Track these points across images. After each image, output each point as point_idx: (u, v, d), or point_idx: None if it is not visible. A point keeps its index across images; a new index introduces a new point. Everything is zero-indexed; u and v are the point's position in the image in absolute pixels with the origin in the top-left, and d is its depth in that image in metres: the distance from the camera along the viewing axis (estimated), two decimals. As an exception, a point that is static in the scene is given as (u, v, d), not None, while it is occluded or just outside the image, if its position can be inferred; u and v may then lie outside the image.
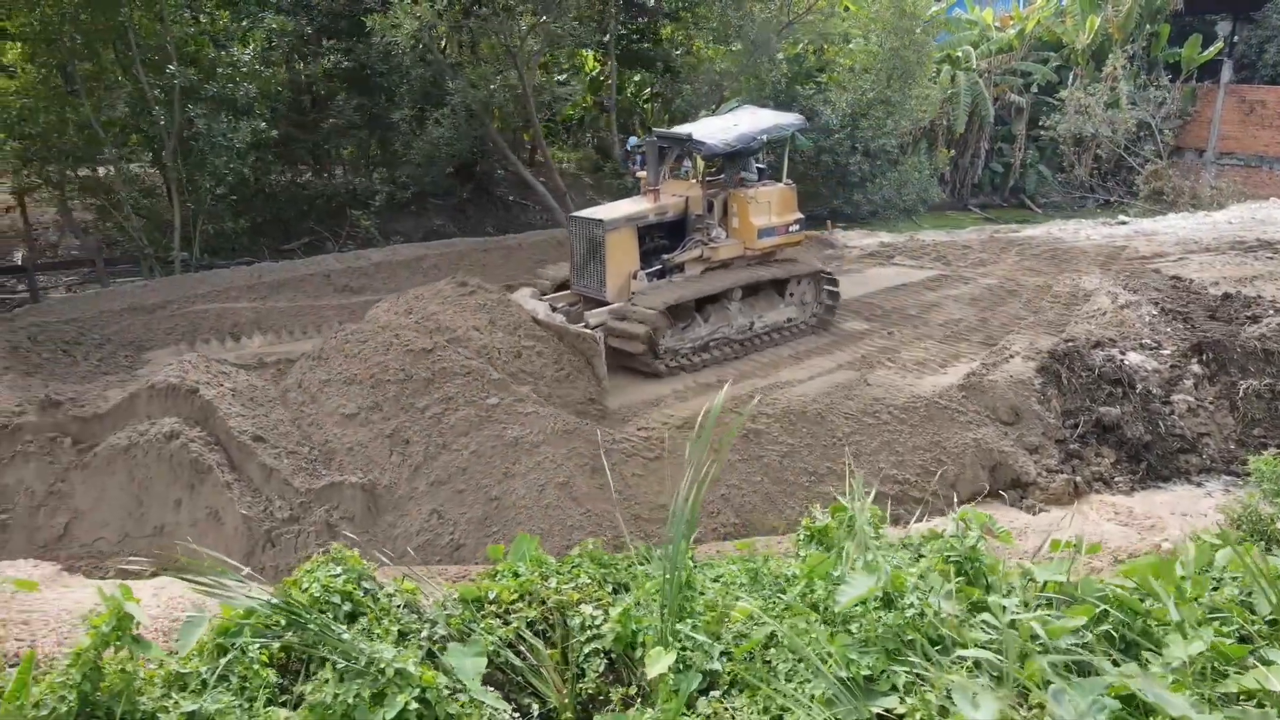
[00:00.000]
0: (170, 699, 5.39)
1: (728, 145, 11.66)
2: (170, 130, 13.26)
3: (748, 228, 12.15)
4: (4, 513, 8.28)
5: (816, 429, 9.73)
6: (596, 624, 6.16)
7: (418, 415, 8.69)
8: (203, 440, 8.17)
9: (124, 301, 12.76)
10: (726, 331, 11.90)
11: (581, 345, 10.22)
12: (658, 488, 8.90)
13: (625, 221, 11.37)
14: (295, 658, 5.81)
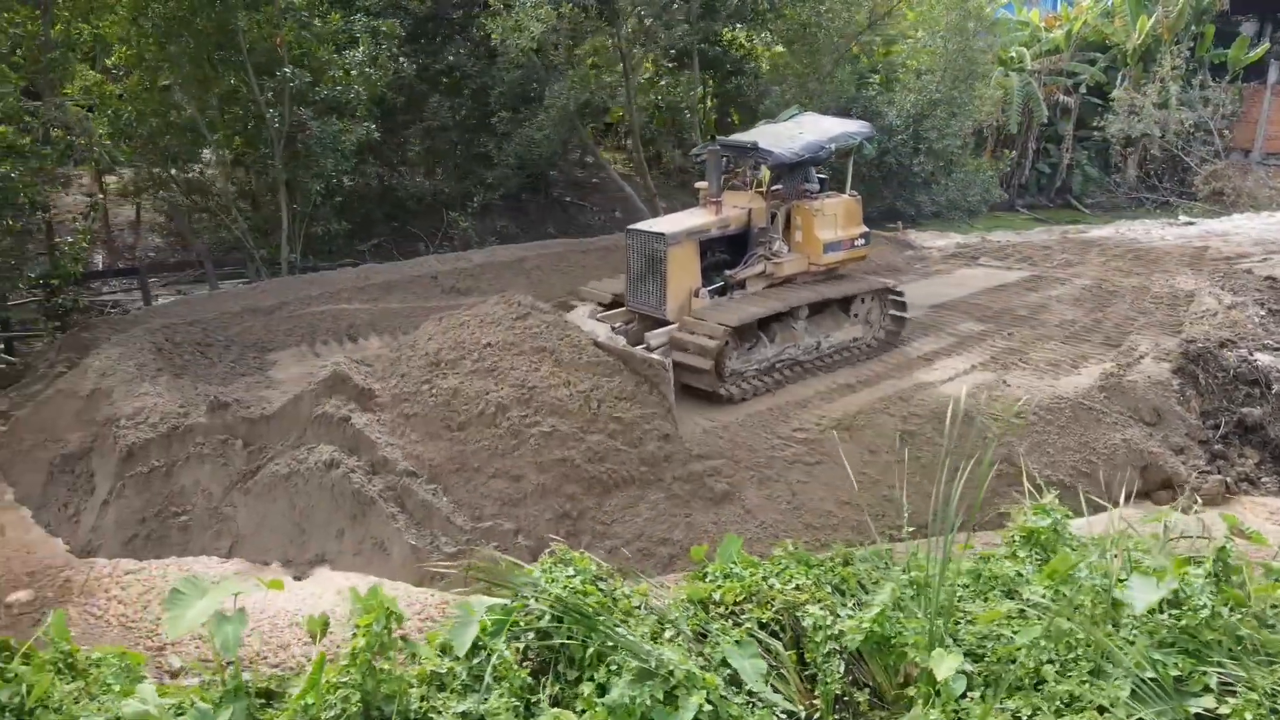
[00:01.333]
0: (438, 698, 5.46)
1: (796, 154, 11.15)
2: (281, 132, 13.30)
3: (813, 242, 11.49)
4: (183, 514, 8.32)
5: (966, 430, 9.74)
6: (829, 624, 6.20)
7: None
8: (363, 470, 8.07)
9: (240, 303, 12.80)
10: (793, 352, 11.13)
11: (649, 372, 9.26)
12: (824, 494, 8.92)
13: (687, 235, 10.65)
14: (536, 658, 5.89)
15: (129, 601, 7.44)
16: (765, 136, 11.71)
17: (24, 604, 7.39)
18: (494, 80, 16.12)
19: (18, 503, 9.18)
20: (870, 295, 11.94)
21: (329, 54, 13.50)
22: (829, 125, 12.68)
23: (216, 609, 5.20)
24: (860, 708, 5.92)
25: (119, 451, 8.60)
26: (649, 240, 10.57)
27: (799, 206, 11.57)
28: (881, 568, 7.07)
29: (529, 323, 9.16)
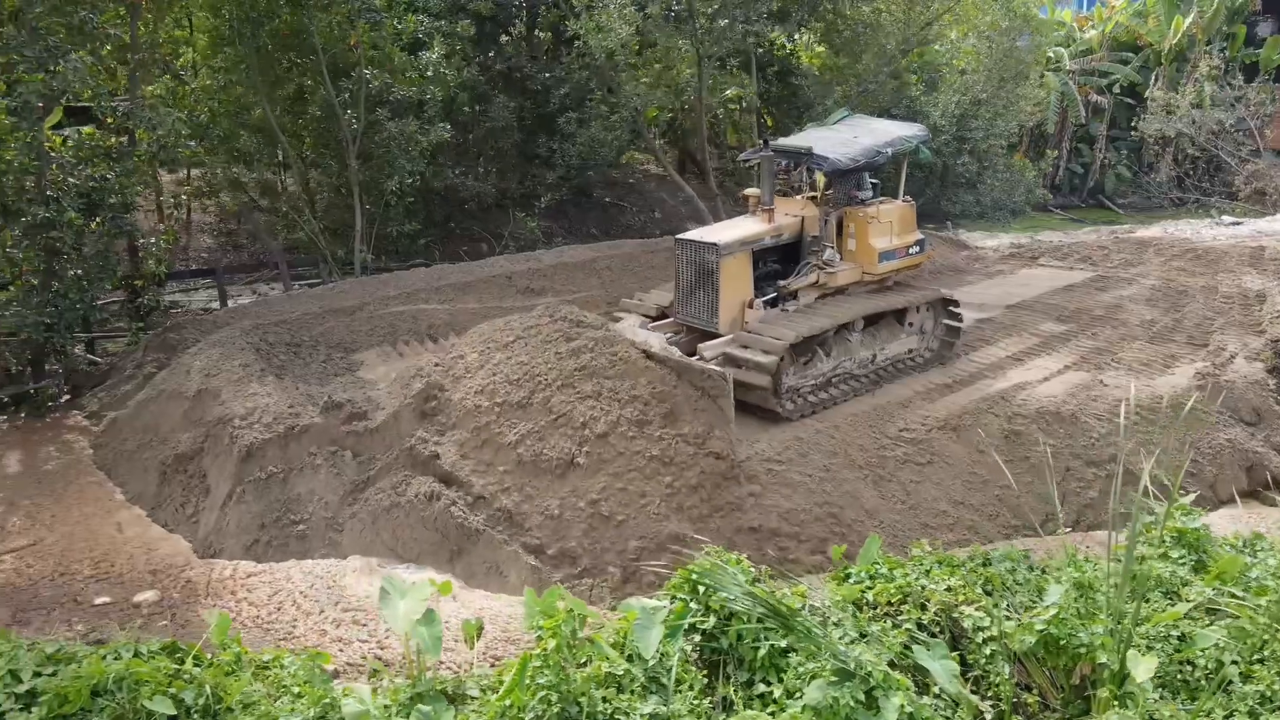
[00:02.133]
0: (620, 700, 5.45)
1: (853, 160, 10.66)
2: (356, 133, 13.32)
3: (867, 250, 11.00)
4: (301, 522, 8.32)
5: (1072, 429, 9.74)
6: (988, 625, 6.20)
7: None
8: (462, 500, 8.01)
9: (319, 304, 12.82)
10: (848, 366, 10.63)
11: (707, 384, 8.61)
12: (938, 493, 8.91)
13: (740, 245, 10.18)
14: (703, 661, 5.89)
15: (259, 603, 7.44)
16: (820, 141, 11.15)
17: (152, 604, 7.40)
18: (554, 81, 16.13)
19: (130, 502, 9.20)
20: (925, 305, 11.47)
21: (404, 55, 13.50)
22: (883, 128, 12.25)
23: (423, 606, 5.22)
24: (1031, 709, 5.93)
25: (237, 452, 8.61)
26: (700, 250, 10.10)
27: (852, 213, 11.12)
28: (1023, 569, 7.03)
29: (575, 344, 8.83)
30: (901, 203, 11.70)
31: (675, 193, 30.84)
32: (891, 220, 11.31)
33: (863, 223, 11.05)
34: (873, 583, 6.69)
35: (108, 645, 5.81)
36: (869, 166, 11.15)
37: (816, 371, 10.31)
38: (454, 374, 8.99)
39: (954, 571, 6.84)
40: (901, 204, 11.68)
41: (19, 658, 5.60)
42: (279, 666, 5.90)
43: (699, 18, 14.54)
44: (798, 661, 5.61)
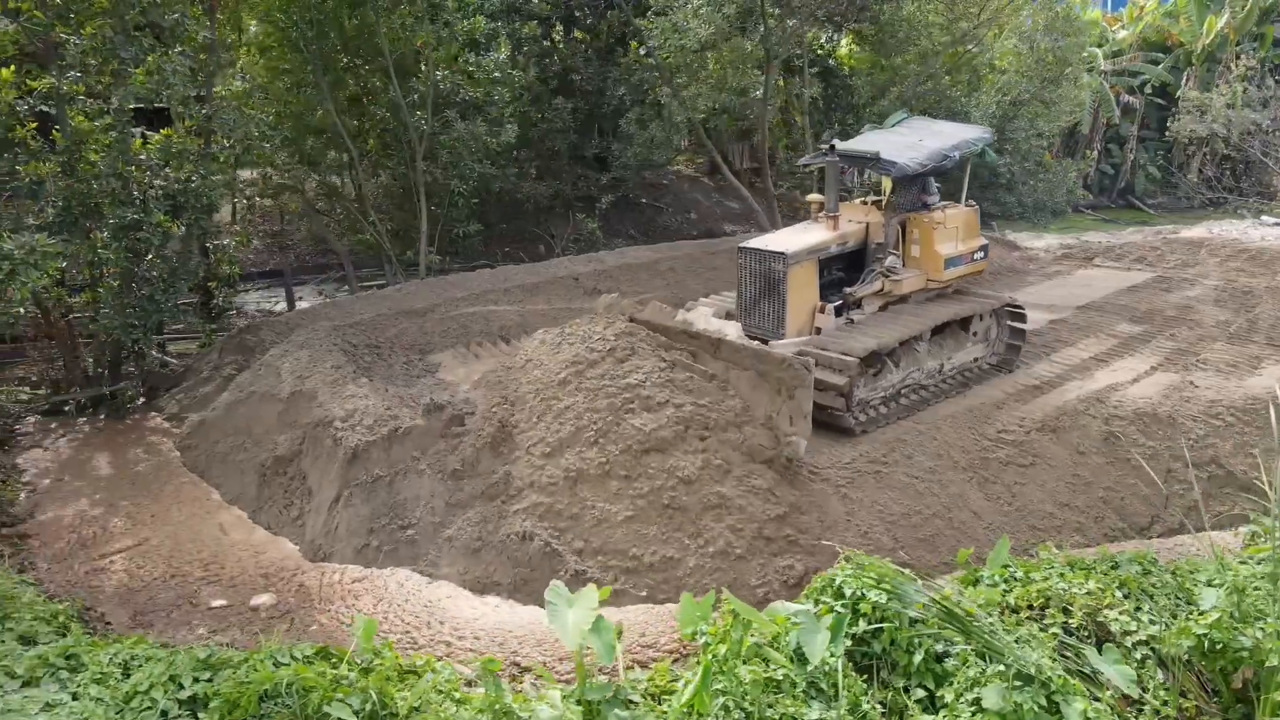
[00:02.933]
0: (783, 704, 5.41)
1: (921, 165, 10.39)
2: (423, 135, 13.30)
3: (932, 257, 10.72)
4: (409, 527, 8.27)
5: (1169, 430, 9.68)
6: (1135, 629, 6.14)
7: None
8: (550, 532, 7.86)
9: (389, 305, 12.81)
10: (917, 376, 10.38)
11: (786, 374, 8.28)
12: (1042, 495, 8.86)
13: (808, 254, 9.86)
14: (859, 664, 5.84)
15: (366, 611, 7.39)
16: (885, 145, 10.81)
17: (269, 608, 7.37)
18: (611, 83, 16.10)
19: (228, 504, 9.18)
20: (990, 312, 11.19)
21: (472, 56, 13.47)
22: (947, 131, 11.98)
23: (593, 615, 5.18)
24: (1189, 714, 5.88)
25: (342, 454, 8.58)
26: (766, 260, 9.77)
27: (917, 219, 10.81)
28: (1158, 571, 6.96)
29: (636, 362, 8.62)
30: (966, 208, 11.46)
31: (709, 194, 30.83)
32: (957, 226, 11.07)
33: (928, 229, 10.77)
34: (1009, 585, 6.65)
35: (261, 650, 5.78)
36: (936, 171, 10.89)
37: (886, 383, 10.05)
38: (527, 412, 8.77)
39: (1088, 574, 6.77)
40: (966, 209, 11.44)
41: (178, 663, 5.58)
42: (432, 672, 5.89)
43: (768, 18, 14.50)
44: (954, 666, 5.58)
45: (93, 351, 11.18)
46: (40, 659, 5.65)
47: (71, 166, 9.86)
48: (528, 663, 6.74)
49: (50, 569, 7.79)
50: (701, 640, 5.64)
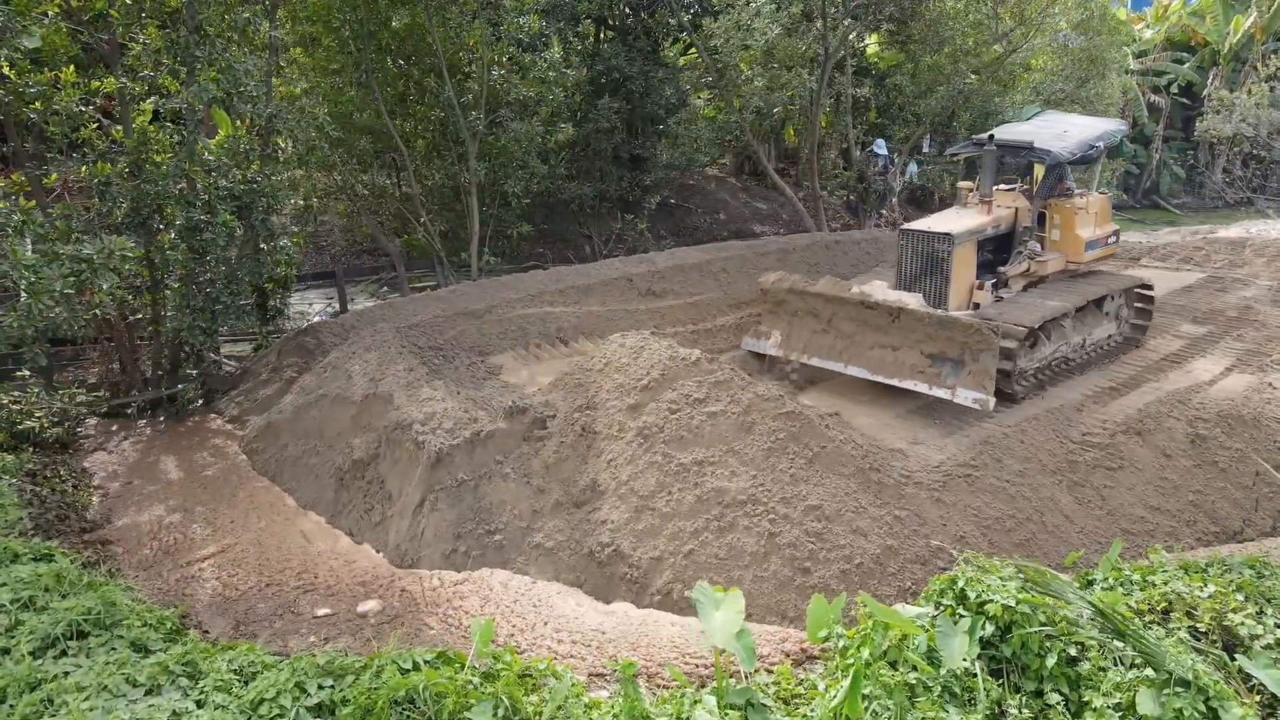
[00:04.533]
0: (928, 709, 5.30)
1: (1071, 153, 11.22)
2: (476, 134, 13.21)
3: (1073, 240, 11.68)
4: (496, 533, 8.17)
5: (1255, 432, 9.56)
6: (1260, 634, 6.03)
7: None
8: (635, 545, 7.79)
9: (445, 307, 12.71)
10: (1064, 350, 11.16)
11: (972, 338, 9.52)
12: (1131, 498, 8.75)
13: (969, 236, 10.75)
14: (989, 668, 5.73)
15: (473, 613, 7.31)
16: (1036, 135, 11.59)
17: (377, 614, 7.28)
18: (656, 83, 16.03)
19: (304, 508, 9.08)
20: (1123, 292, 12.05)
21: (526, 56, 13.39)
22: (1086, 123, 12.76)
23: (740, 619, 5.08)
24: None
25: (426, 458, 8.47)
26: (932, 240, 10.57)
27: (1057, 205, 11.63)
28: (1269, 574, 6.84)
29: (725, 404, 8.33)
30: (1100, 195, 12.44)
31: (736, 194, 30.75)
32: (1095, 212, 12.05)
33: (1069, 214, 11.68)
34: (1128, 589, 6.54)
35: (380, 655, 5.69)
36: (1085, 160, 11.74)
37: (1040, 355, 10.82)
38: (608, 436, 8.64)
39: (1204, 577, 6.67)
40: (1101, 196, 12.43)
41: (300, 670, 5.49)
42: (554, 677, 5.79)
43: (826, 18, 14.44)
44: (1089, 670, 5.47)
45: (151, 353, 11.08)
46: (160, 666, 5.56)
47: (139, 167, 9.77)
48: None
49: (139, 576, 7.69)
50: (839, 644, 5.54)
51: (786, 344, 11.41)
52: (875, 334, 10.54)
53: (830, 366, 10.94)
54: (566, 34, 14.77)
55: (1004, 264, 11.39)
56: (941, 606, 6.00)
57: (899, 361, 10.37)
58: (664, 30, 17.68)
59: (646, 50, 16.67)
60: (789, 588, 7.23)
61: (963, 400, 9.71)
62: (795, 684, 5.89)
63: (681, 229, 24.91)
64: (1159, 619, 6.30)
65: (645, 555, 7.55)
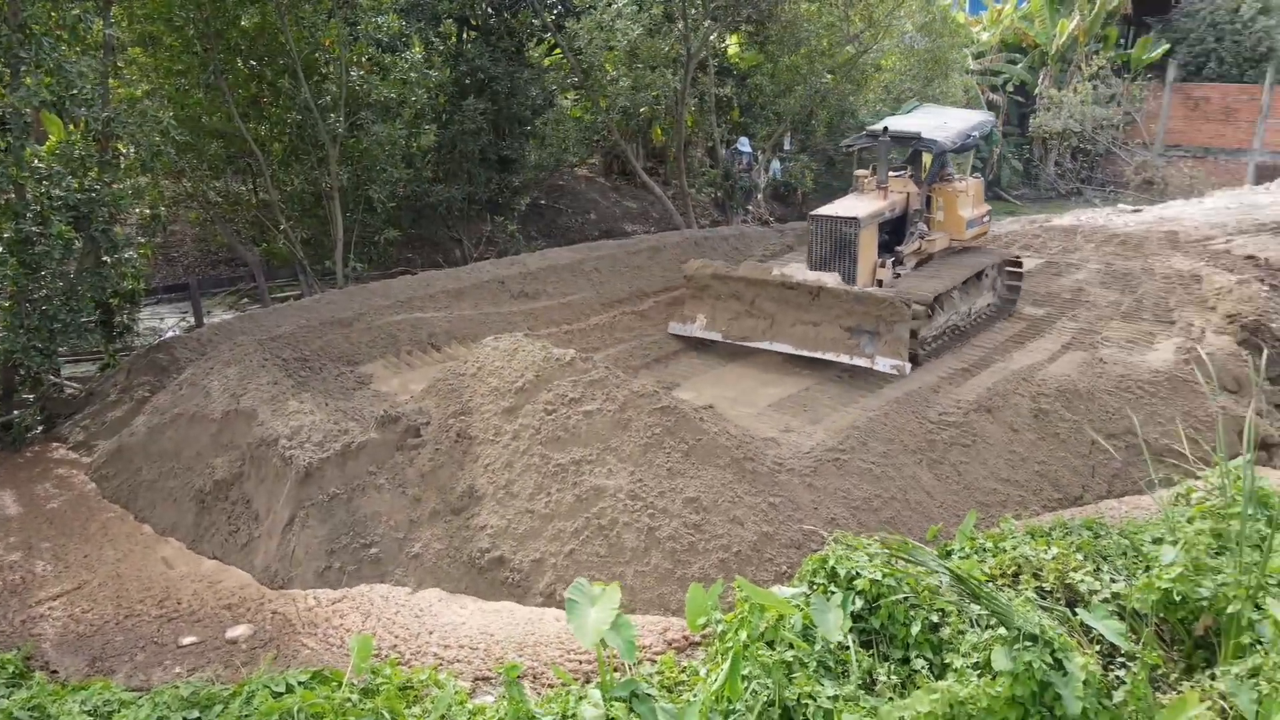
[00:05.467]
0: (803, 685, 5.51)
1: (954, 142, 12.40)
2: (336, 138, 12.78)
3: (956, 220, 12.91)
4: (373, 545, 7.97)
5: (1090, 405, 10.36)
6: (1098, 589, 6.56)
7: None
8: (516, 549, 7.77)
9: (311, 316, 12.27)
10: (954, 319, 12.33)
11: (886, 311, 10.79)
12: (984, 472, 9.32)
13: (872, 219, 11.73)
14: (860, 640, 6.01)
15: (354, 629, 7.12)
16: (922, 127, 12.60)
17: (248, 638, 6.98)
18: (522, 84, 15.93)
19: (164, 535, 8.60)
20: (996, 265, 13.51)
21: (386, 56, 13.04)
22: (962, 115, 14.12)
23: (614, 613, 5.12)
24: (1157, 662, 6.31)
25: (294, 474, 8.18)
26: (839, 224, 11.53)
27: (941, 189, 12.93)
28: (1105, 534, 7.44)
29: (601, 403, 8.39)
30: (975, 179, 14.01)
31: (606, 194, 30.89)
32: (972, 194, 13.45)
33: (951, 197, 12.98)
34: (982, 556, 6.99)
35: (251, 681, 5.48)
36: (964, 148, 13.07)
37: (937, 324, 11.93)
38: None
39: (1048, 541, 7.19)
40: (976, 180, 14.00)
41: (162, 703, 5.24)
42: (436, 686, 5.73)
43: (687, 19, 14.71)
44: (950, 634, 5.82)
45: (-15, 378, 10.25)
46: (4, 715, 5.18)
47: (-41, 177, 9.02)
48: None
49: (-23, 620, 7.11)
50: (718, 629, 5.68)
51: (712, 325, 12.28)
52: (796, 312, 11.58)
53: (756, 345, 11.88)
54: (428, 34, 14.51)
55: (899, 244, 12.47)
56: (815, 585, 6.26)
57: (820, 336, 11.46)
58: (528, 31, 17.63)
59: (511, 50, 16.58)
60: (670, 579, 7.35)
61: (881, 367, 10.91)
62: (679, 672, 6.02)
63: (553, 230, 24.85)
64: (1010, 581, 6.77)
65: (526, 558, 7.54)
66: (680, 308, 12.95)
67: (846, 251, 11.52)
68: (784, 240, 16.34)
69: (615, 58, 16.58)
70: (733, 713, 5.00)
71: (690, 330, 12.49)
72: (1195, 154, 35.76)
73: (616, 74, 16.45)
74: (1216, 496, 7.62)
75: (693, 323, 12.50)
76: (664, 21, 15.04)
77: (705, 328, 12.34)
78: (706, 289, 12.33)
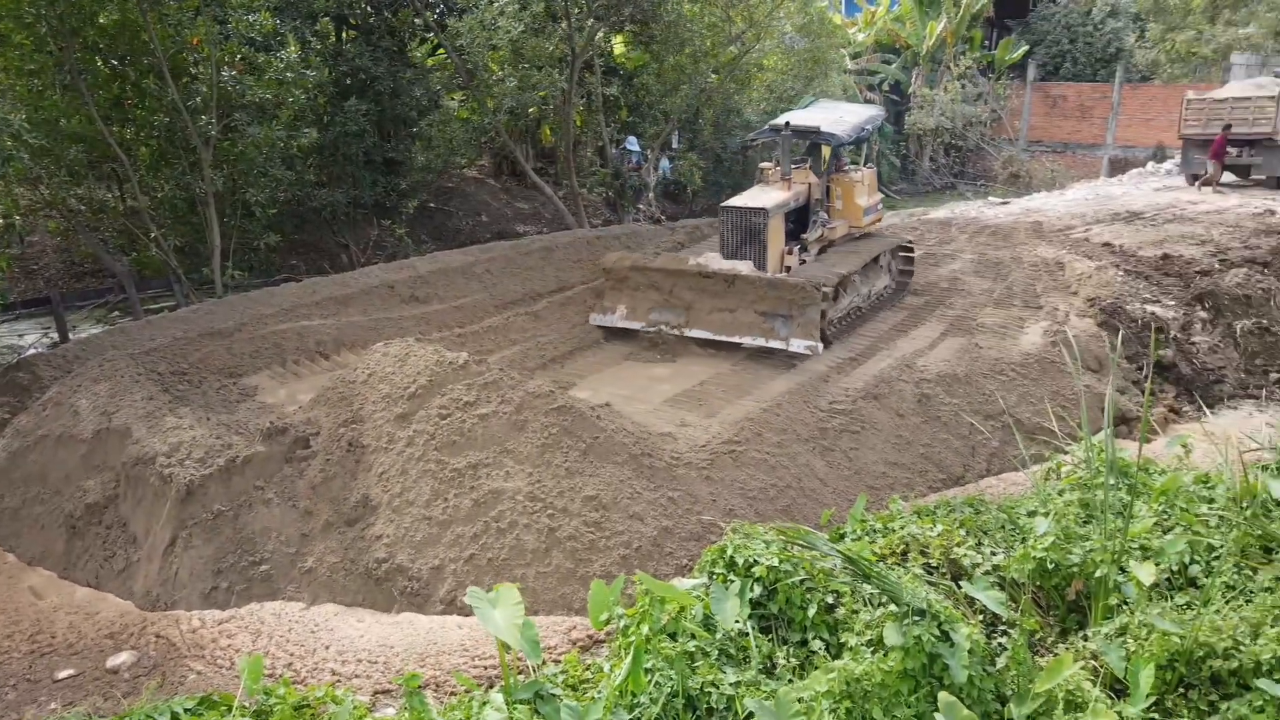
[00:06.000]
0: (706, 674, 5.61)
1: (849, 135, 13.13)
2: (209, 140, 12.21)
3: (854, 208, 13.74)
4: (263, 562, 7.69)
5: (968, 388, 10.87)
6: (980, 562, 6.91)
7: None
8: (414, 558, 7.79)
9: (188, 328, 11.71)
10: (856, 300, 13.05)
11: (798, 295, 11.31)
12: (874, 457, 9.67)
13: (778, 209, 12.26)
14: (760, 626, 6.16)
15: (246, 648, 6.86)
16: (821, 121, 13.21)
17: (131, 667, 6.63)
18: (405, 84, 15.58)
19: (31, 565, 8.08)
20: (891, 250, 14.38)
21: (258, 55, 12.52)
22: (855, 109, 15.03)
23: (520, 611, 5.07)
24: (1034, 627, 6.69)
25: (174, 493, 7.81)
26: (749, 215, 12.05)
27: (839, 179, 13.68)
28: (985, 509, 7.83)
29: (496, 405, 8.27)
30: (869, 169, 14.87)
31: (497, 195, 30.58)
32: (868, 184, 14.30)
33: (849, 186, 13.74)
34: (872, 537, 7.25)
35: (132, 712, 5.21)
36: (858, 140, 13.82)
37: (842, 305, 12.56)
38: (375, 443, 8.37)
39: (933, 519, 7.52)
40: (870, 170, 14.90)
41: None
42: (334, 702, 5.57)
43: (570, 18, 14.68)
44: (845, 614, 6.02)
45: None
46: None
47: None
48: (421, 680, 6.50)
49: None
50: (620, 624, 5.71)
51: (632, 315, 12.61)
52: (713, 299, 12.03)
53: (674, 333, 12.27)
54: (304, 32, 14.02)
55: (804, 232, 13.05)
56: (714, 575, 6.37)
57: (736, 321, 11.90)
58: (410, 30, 17.27)
59: (393, 50, 16.21)
60: (572, 579, 7.35)
61: (795, 348, 11.38)
62: (583, 670, 6.02)
63: (444, 232, 24.45)
64: (899, 560, 7.04)
65: (425, 566, 7.40)
66: (600, 299, 13.26)
67: (756, 240, 12.00)
68: (675, 237, 16.56)
69: (501, 57, 16.45)
70: (637, 706, 5.04)
71: (611, 320, 12.76)
72: (1056, 149, 37.99)
73: (503, 74, 16.31)
74: (1083, 469, 8.11)
75: (613, 313, 12.79)
76: (547, 20, 15.03)
77: (625, 317, 12.66)
78: (625, 280, 12.65)
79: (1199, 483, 7.41)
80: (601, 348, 12.54)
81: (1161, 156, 32.69)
